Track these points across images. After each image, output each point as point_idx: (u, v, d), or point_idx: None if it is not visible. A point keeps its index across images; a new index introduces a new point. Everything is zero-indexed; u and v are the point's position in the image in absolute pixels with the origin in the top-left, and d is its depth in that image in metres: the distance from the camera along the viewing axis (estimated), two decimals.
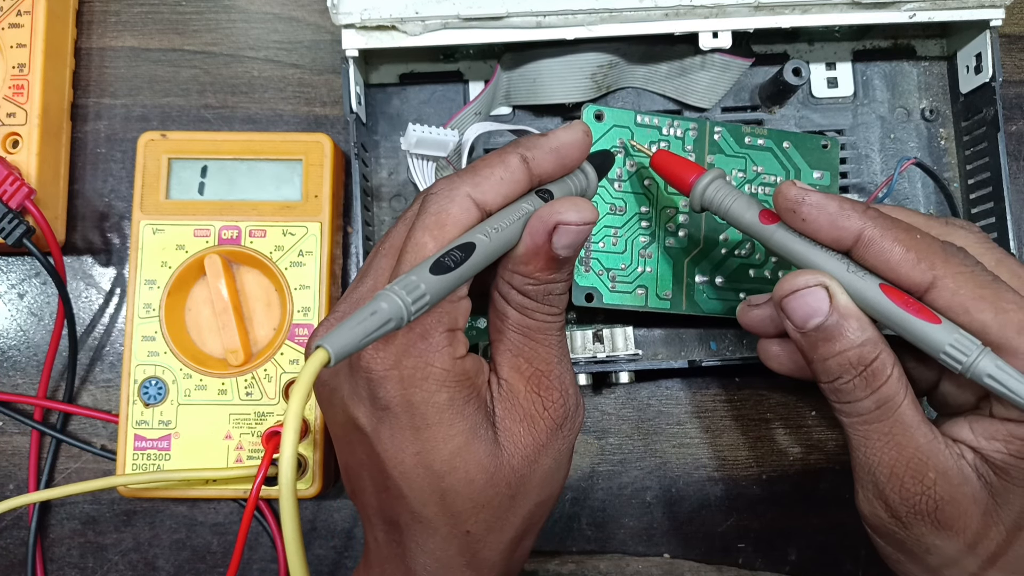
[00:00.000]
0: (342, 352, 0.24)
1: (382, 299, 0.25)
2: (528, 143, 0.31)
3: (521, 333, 0.31)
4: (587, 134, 0.32)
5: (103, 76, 0.45)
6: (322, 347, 0.24)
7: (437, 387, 0.29)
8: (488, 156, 0.31)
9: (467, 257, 0.28)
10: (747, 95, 0.42)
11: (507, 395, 0.31)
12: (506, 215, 0.30)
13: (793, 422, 0.43)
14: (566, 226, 0.29)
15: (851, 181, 0.42)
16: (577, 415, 0.32)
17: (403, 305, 0.25)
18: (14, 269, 0.44)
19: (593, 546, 0.43)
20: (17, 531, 0.43)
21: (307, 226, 0.41)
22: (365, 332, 0.24)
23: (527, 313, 0.31)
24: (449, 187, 0.29)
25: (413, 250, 0.29)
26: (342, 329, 0.24)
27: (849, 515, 0.43)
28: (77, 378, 0.43)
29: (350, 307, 0.31)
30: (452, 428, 0.29)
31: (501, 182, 0.30)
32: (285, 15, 0.45)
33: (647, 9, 0.37)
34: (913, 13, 0.38)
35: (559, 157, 0.31)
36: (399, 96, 0.42)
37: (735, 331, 0.41)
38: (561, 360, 0.32)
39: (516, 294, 0.31)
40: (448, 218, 0.29)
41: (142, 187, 0.41)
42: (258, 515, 0.42)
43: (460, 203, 0.29)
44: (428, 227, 0.29)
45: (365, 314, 0.25)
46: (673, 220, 0.39)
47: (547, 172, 0.31)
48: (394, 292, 0.25)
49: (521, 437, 0.31)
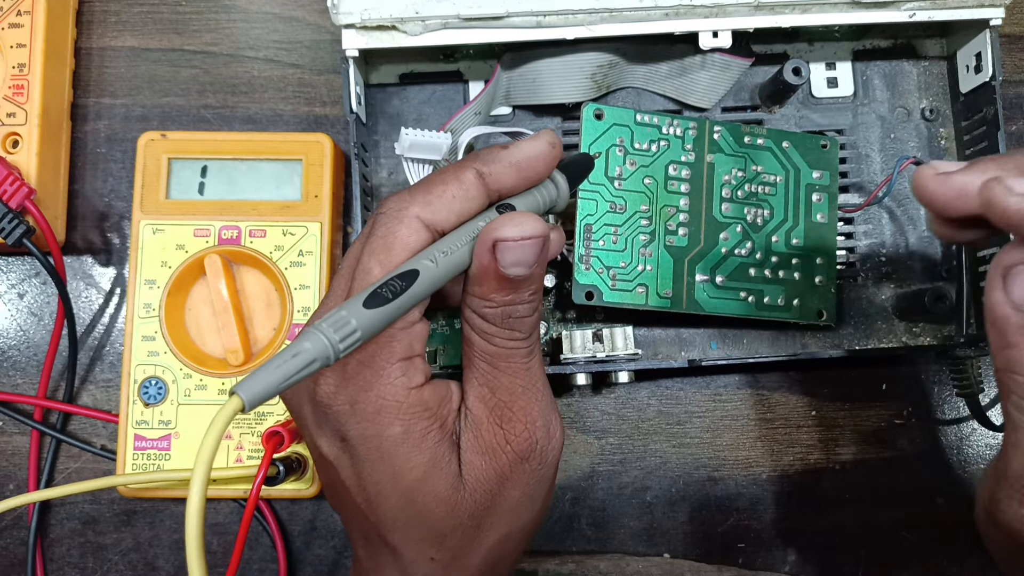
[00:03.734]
0: (257, 398, 0.23)
1: (307, 338, 0.24)
2: (486, 156, 0.30)
3: (484, 360, 0.30)
4: (553, 145, 0.30)
5: (103, 76, 0.45)
6: (236, 394, 0.23)
7: (391, 420, 0.28)
8: (443, 170, 0.29)
9: (408, 286, 0.26)
10: (747, 95, 0.42)
11: (471, 426, 0.30)
12: (457, 236, 0.28)
13: (793, 422, 0.43)
14: (505, 243, 0.27)
15: (851, 181, 0.42)
16: (548, 446, 0.31)
17: (329, 344, 0.24)
18: (14, 269, 0.44)
19: (593, 546, 0.43)
20: (17, 531, 0.43)
21: (307, 226, 0.41)
22: (285, 375, 0.23)
23: (487, 338, 0.29)
24: (398, 207, 0.28)
25: (360, 276, 0.27)
26: (261, 373, 0.23)
27: (849, 515, 0.43)
28: (77, 378, 0.43)
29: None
30: (409, 461, 0.28)
31: (454, 200, 0.28)
32: (285, 15, 0.45)
33: (647, 9, 0.37)
34: (913, 12, 0.38)
35: (520, 171, 0.30)
36: (399, 96, 0.42)
37: (735, 331, 0.41)
38: (528, 390, 0.30)
39: (476, 318, 0.29)
40: (396, 242, 0.27)
41: (142, 187, 0.41)
42: (258, 515, 0.42)
43: (409, 225, 0.28)
44: (375, 251, 0.28)
45: (287, 356, 0.24)
46: (673, 219, 0.39)
47: (507, 187, 0.30)
48: (320, 330, 0.24)
49: (482, 470, 0.30)
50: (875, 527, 0.43)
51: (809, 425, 0.43)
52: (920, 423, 0.43)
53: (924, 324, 0.42)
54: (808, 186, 0.40)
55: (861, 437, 0.43)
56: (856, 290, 0.42)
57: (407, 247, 0.27)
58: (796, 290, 0.40)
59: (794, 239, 0.40)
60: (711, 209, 0.39)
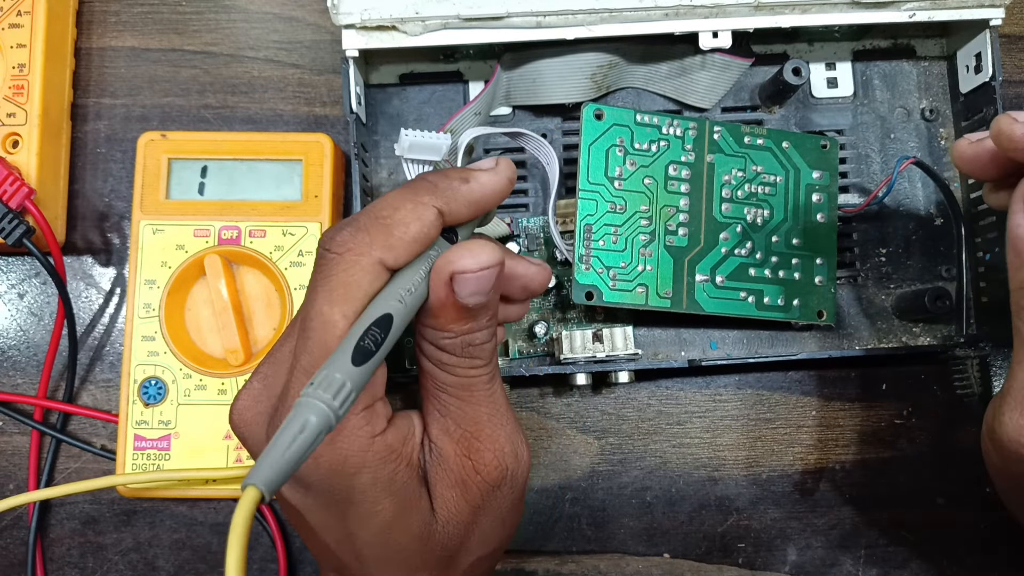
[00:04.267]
0: (274, 485, 0.22)
1: (309, 411, 0.23)
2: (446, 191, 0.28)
3: (445, 392, 0.29)
4: (512, 181, 0.29)
5: (103, 76, 0.45)
6: (253, 486, 0.21)
7: (356, 470, 0.27)
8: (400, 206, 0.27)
9: (386, 334, 0.25)
10: (747, 95, 0.42)
11: (437, 459, 0.29)
12: (415, 271, 0.27)
13: (793, 422, 0.43)
14: (463, 276, 0.26)
15: (851, 181, 0.42)
16: (518, 470, 0.30)
17: (330, 412, 0.23)
18: (14, 269, 0.44)
19: (593, 546, 0.43)
20: (17, 531, 0.43)
21: (307, 226, 0.41)
22: (297, 455, 0.22)
23: (448, 369, 0.29)
24: (357, 251, 0.26)
25: (321, 328, 0.26)
26: (271, 458, 0.22)
27: (849, 515, 0.43)
28: (77, 378, 0.43)
29: (272, 368, 0.29)
30: (377, 505, 0.28)
31: (414, 243, 0.27)
32: (285, 15, 0.45)
33: (647, 9, 0.37)
34: (913, 13, 0.38)
35: (477, 208, 0.29)
36: (399, 96, 0.42)
37: (735, 331, 0.42)
38: (493, 417, 0.29)
39: (434, 350, 0.29)
40: (358, 291, 0.26)
41: (142, 187, 0.41)
42: (258, 515, 0.42)
43: (370, 272, 0.26)
44: (335, 301, 0.26)
45: (293, 433, 0.22)
46: (673, 219, 0.39)
47: (461, 221, 0.29)
48: (318, 398, 0.23)
49: (454, 503, 0.29)
50: (875, 527, 0.43)
51: (809, 425, 0.43)
52: (920, 423, 0.43)
53: (924, 324, 0.42)
54: (808, 186, 0.40)
55: (861, 437, 0.43)
56: (856, 290, 0.42)
57: (368, 294, 0.26)
58: (796, 290, 0.40)
59: (794, 239, 0.40)
60: (711, 209, 0.39)
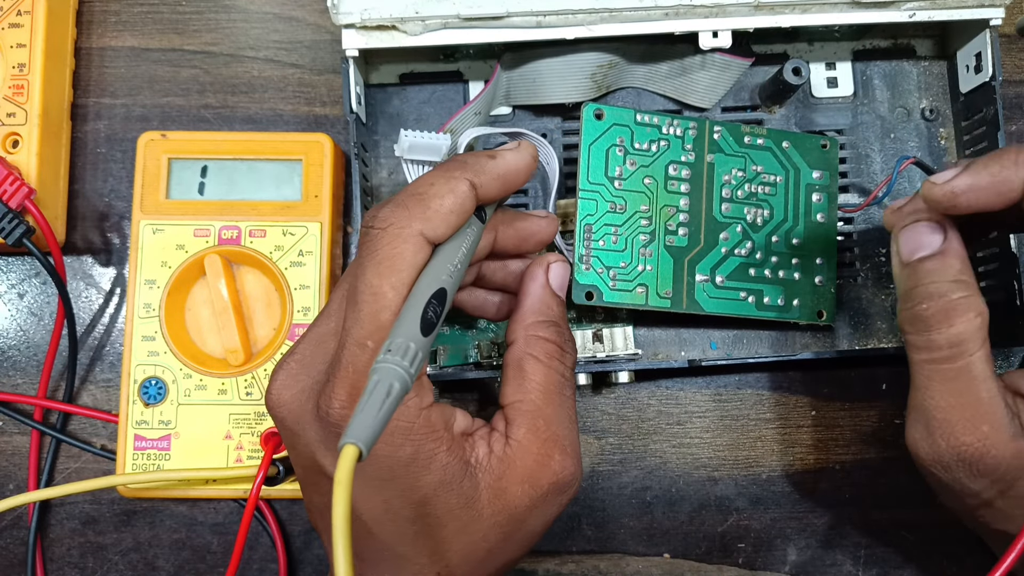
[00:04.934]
0: (371, 442, 0.23)
1: (392, 376, 0.24)
2: (475, 166, 0.30)
3: (542, 391, 0.31)
4: (535, 158, 0.32)
5: (103, 76, 0.45)
6: (352, 444, 0.22)
7: (402, 441, 0.28)
8: (435, 181, 0.29)
9: (443, 308, 0.27)
10: (747, 95, 0.42)
11: (514, 455, 0.30)
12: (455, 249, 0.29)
13: (793, 422, 0.43)
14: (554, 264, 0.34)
15: (851, 180, 0.42)
16: (575, 485, 0.32)
17: (407, 376, 0.24)
18: (14, 269, 0.44)
19: (593, 546, 0.43)
20: (17, 531, 0.43)
21: (307, 226, 0.41)
22: (388, 414, 0.24)
23: (554, 365, 0.31)
24: (399, 224, 0.28)
25: (372, 299, 0.27)
26: (364, 418, 0.23)
27: (849, 515, 0.43)
28: (77, 378, 0.43)
29: (311, 347, 0.30)
30: (418, 480, 0.29)
31: (451, 215, 0.29)
32: (285, 15, 0.45)
33: (647, 9, 0.37)
34: (913, 13, 0.38)
35: (505, 183, 0.31)
36: (399, 96, 0.42)
37: (735, 331, 0.42)
38: (574, 423, 0.32)
39: (546, 344, 0.31)
40: (404, 263, 0.28)
41: (142, 187, 0.41)
42: (258, 515, 0.42)
43: (413, 244, 0.28)
44: (384, 273, 0.28)
45: (381, 395, 0.24)
46: (673, 219, 0.39)
47: (492, 197, 0.31)
48: (397, 364, 0.24)
49: (517, 498, 0.30)
50: (875, 527, 0.43)
51: (809, 425, 0.43)
52: None
53: None
54: (808, 186, 0.40)
55: (861, 437, 0.43)
56: (856, 290, 0.42)
57: (414, 266, 0.28)
58: (796, 290, 0.40)
59: (794, 239, 0.40)
60: (711, 209, 0.39)
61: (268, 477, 0.39)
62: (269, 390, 0.30)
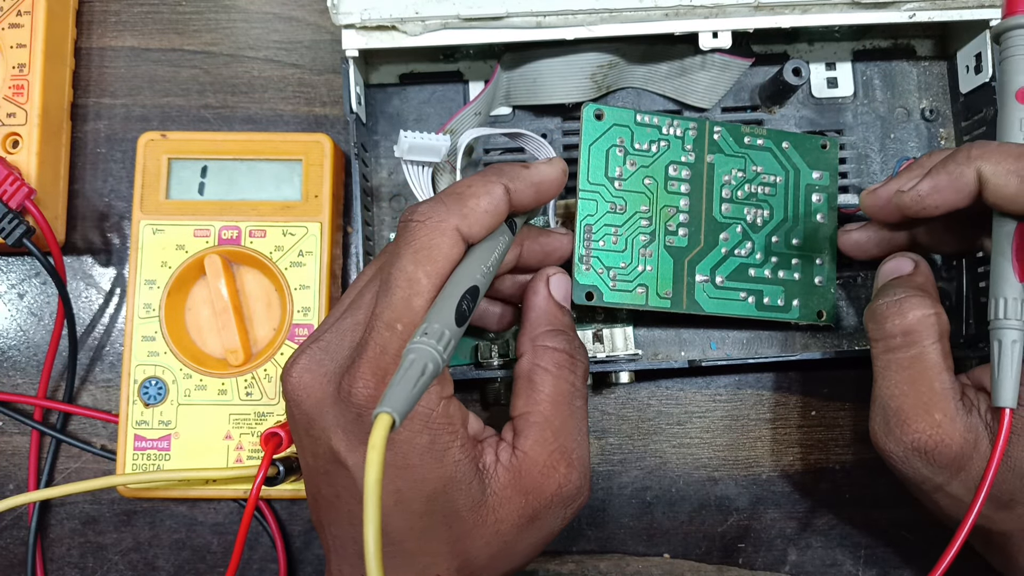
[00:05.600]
0: (405, 413, 0.23)
1: (427, 357, 0.25)
2: (511, 173, 0.32)
3: (552, 403, 0.31)
4: (565, 172, 0.33)
5: (103, 76, 0.45)
6: (386, 412, 0.23)
7: (420, 428, 0.29)
8: (473, 183, 0.31)
9: (475, 303, 0.28)
10: (747, 95, 0.42)
11: (519, 465, 0.31)
12: (488, 251, 0.30)
13: (793, 422, 0.43)
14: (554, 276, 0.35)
15: (851, 181, 0.42)
16: (581, 499, 0.32)
17: (440, 360, 0.25)
18: (14, 269, 0.44)
19: (593, 546, 0.43)
20: (17, 531, 0.43)
21: (307, 226, 0.41)
22: (421, 390, 0.24)
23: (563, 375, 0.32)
24: (438, 218, 0.29)
25: (406, 284, 0.29)
26: (399, 390, 0.24)
27: (849, 515, 0.43)
28: (77, 378, 0.43)
29: (334, 336, 0.30)
30: (431, 472, 0.29)
31: (486, 215, 0.30)
32: (285, 15, 0.45)
33: (647, 9, 0.37)
34: (913, 13, 0.38)
35: (538, 192, 0.32)
36: (399, 96, 0.42)
37: (735, 331, 0.42)
38: (584, 435, 0.32)
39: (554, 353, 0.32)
40: (440, 254, 0.29)
41: (142, 187, 0.41)
42: (258, 515, 0.42)
43: (450, 237, 0.29)
44: (420, 262, 0.29)
45: (416, 372, 0.24)
46: (673, 219, 0.39)
47: (525, 205, 0.32)
48: (433, 348, 0.25)
49: (520, 507, 0.31)
50: (875, 527, 0.43)
51: (809, 425, 0.43)
52: None
53: None
54: (808, 186, 0.40)
55: (861, 437, 0.43)
56: (856, 290, 0.42)
57: (449, 259, 0.29)
58: (796, 290, 0.40)
59: (794, 239, 0.40)
60: (711, 209, 0.39)
61: (268, 477, 0.38)
62: (289, 372, 0.31)
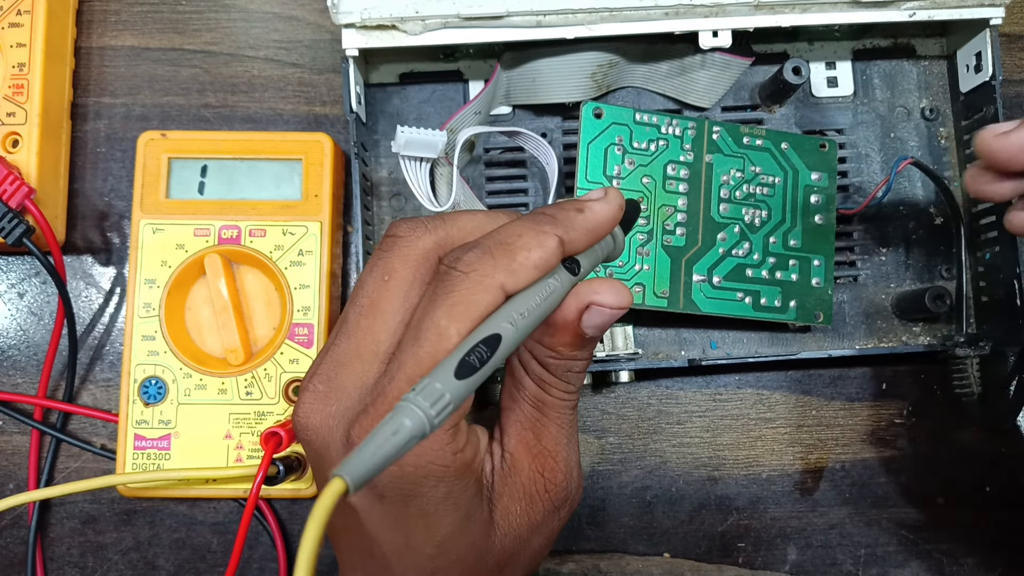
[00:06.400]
0: (362, 480, 0.21)
1: (404, 414, 0.22)
2: (564, 221, 0.29)
3: (535, 407, 0.30)
4: (621, 207, 0.30)
5: (103, 76, 0.45)
6: (339, 477, 0.21)
7: (435, 483, 0.27)
8: (524, 232, 0.28)
9: (492, 353, 0.25)
10: (747, 94, 0.42)
11: (509, 470, 0.30)
12: (532, 296, 0.27)
13: (793, 422, 0.43)
14: (600, 308, 0.28)
15: (851, 180, 0.42)
16: (575, 498, 0.32)
17: (426, 420, 0.23)
18: (14, 269, 0.44)
19: (593, 546, 0.43)
20: (17, 530, 0.43)
21: (307, 225, 0.41)
22: (387, 456, 0.22)
23: (544, 387, 0.30)
24: (483, 272, 0.27)
25: (435, 338, 0.26)
26: (362, 455, 0.22)
27: (849, 515, 0.43)
28: (77, 378, 0.43)
29: (333, 368, 0.29)
30: (447, 517, 0.28)
31: (535, 270, 0.27)
32: (285, 14, 0.45)
33: (647, 8, 0.37)
34: (913, 12, 0.38)
35: (594, 237, 0.29)
36: (399, 95, 0.42)
37: (735, 331, 0.41)
38: (570, 441, 0.31)
39: (536, 365, 0.30)
40: (477, 311, 0.26)
41: (142, 187, 0.41)
42: (258, 514, 0.42)
43: (492, 295, 0.26)
44: (454, 316, 0.26)
45: (386, 434, 0.22)
46: (671, 218, 0.39)
47: (579, 250, 0.29)
48: (417, 405, 0.23)
49: (517, 516, 0.30)
50: (875, 527, 0.43)
51: (809, 425, 0.43)
52: (920, 423, 0.43)
53: (924, 324, 0.42)
54: (806, 187, 0.40)
55: (861, 437, 0.43)
56: (856, 290, 0.42)
57: (486, 315, 0.26)
58: (793, 291, 0.40)
59: (791, 240, 0.40)
60: (709, 209, 0.39)
61: (268, 477, 0.38)
62: (296, 413, 0.29)
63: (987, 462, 0.43)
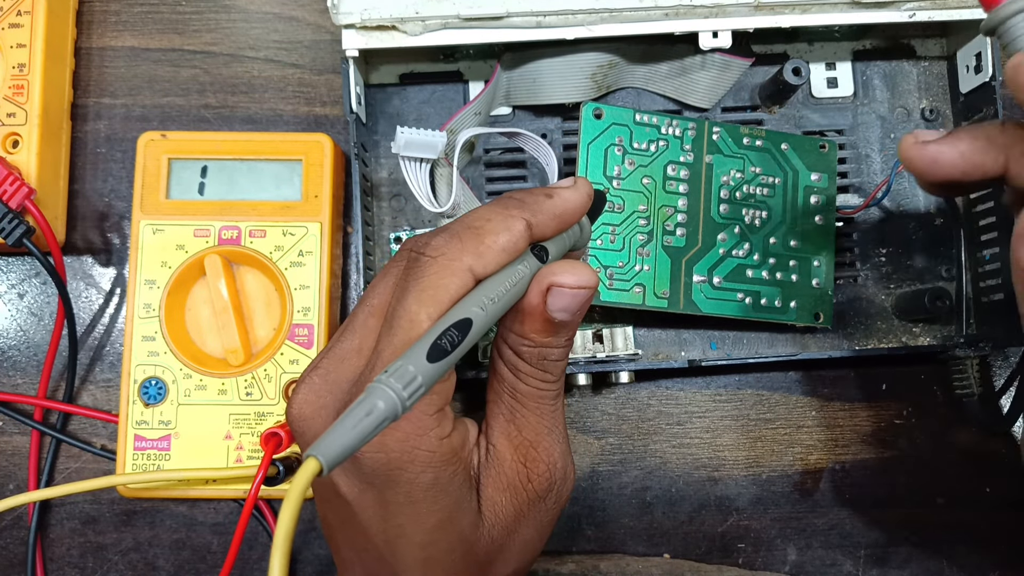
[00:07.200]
0: (335, 460, 0.22)
1: (377, 396, 0.23)
2: (532, 205, 0.29)
3: (513, 397, 0.30)
4: (590, 196, 0.31)
5: (103, 76, 0.45)
6: (313, 457, 0.22)
7: (422, 469, 0.28)
8: (492, 216, 0.28)
9: (463, 337, 0.26)
10: (747, 95, 0.42)
11: (493, 462, 0.30)
12: (501, 281, 0.28)
13: (793, 422, 0.43)
14: (560, 288, 0.28)
15: (851, 181, 0.42)
16: (564, 487, 0.32)
17: (398, 401, 0.23)
18: (14, 269, 0.44)
19: (593, 546, 0.43)
20: (17, 530, 0.43)
21: (307, 226, 0.41)
22: (361, 435, 0.22)
23: (521, 376, 0.30)
24: (450, 256, 0.27)
25: (407, 324, 0.27)
26: (335, 434, 0.22)
27: (849, 515, 0.43)
28: (77, 378, 0.43)
29: (334, 363, 0.29)
30: (435, 504, 0.28)
31: (503, 253, 0.28)
32: (285, 15, 0.45)
33: (647, 9, 0.37)
34: (913, 13, 0.38)
35: (561, 222, 0.30)
36: (399, 96, 0.42)
37: (735, 331, 0.41)
38: (552, 431, 0.31)
39: (511, 354, 0.30)
40: (446, 294, 0.27)
41: (142, 187, 0.41)
42: (257, 515, 0.42)
43: (460, 278, 0.27)
44: (424, 301, 0.27)
45: (359, 415, 0.23)
46: (671, 219, 0.39)
47: (547, 236, 0.30)
48: (389, 386, 0.23)
49: (502, 507, 0.30)
50: (875, 527, 0.43)
51: (809, 425, 0.43)
52: (920, 423, 0.43)
53: (924, 324, 0.42)
54: (806, 188, 0.40)
55: (861, 437, 0.43)
56: (856, 290, 0.42)
57: (455, 299, 0.27)
58: (793, 292, 0.40)
59: (792, 241, 0.40)
60: (709, 210, 0.39)
61: (268, 477, 0.38)
62: (290, 404, 0.30)
63: (987, 462, 0.43)
